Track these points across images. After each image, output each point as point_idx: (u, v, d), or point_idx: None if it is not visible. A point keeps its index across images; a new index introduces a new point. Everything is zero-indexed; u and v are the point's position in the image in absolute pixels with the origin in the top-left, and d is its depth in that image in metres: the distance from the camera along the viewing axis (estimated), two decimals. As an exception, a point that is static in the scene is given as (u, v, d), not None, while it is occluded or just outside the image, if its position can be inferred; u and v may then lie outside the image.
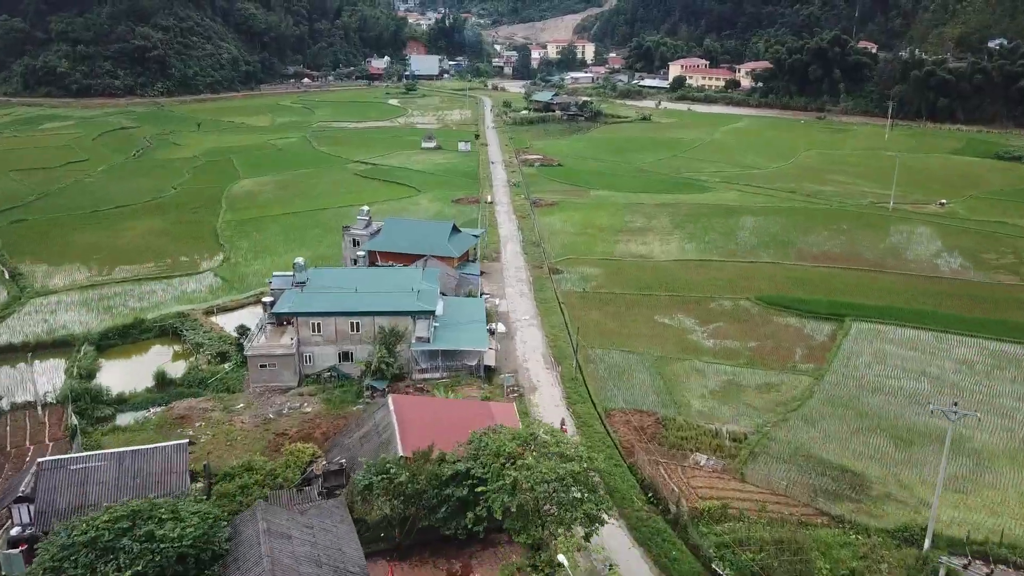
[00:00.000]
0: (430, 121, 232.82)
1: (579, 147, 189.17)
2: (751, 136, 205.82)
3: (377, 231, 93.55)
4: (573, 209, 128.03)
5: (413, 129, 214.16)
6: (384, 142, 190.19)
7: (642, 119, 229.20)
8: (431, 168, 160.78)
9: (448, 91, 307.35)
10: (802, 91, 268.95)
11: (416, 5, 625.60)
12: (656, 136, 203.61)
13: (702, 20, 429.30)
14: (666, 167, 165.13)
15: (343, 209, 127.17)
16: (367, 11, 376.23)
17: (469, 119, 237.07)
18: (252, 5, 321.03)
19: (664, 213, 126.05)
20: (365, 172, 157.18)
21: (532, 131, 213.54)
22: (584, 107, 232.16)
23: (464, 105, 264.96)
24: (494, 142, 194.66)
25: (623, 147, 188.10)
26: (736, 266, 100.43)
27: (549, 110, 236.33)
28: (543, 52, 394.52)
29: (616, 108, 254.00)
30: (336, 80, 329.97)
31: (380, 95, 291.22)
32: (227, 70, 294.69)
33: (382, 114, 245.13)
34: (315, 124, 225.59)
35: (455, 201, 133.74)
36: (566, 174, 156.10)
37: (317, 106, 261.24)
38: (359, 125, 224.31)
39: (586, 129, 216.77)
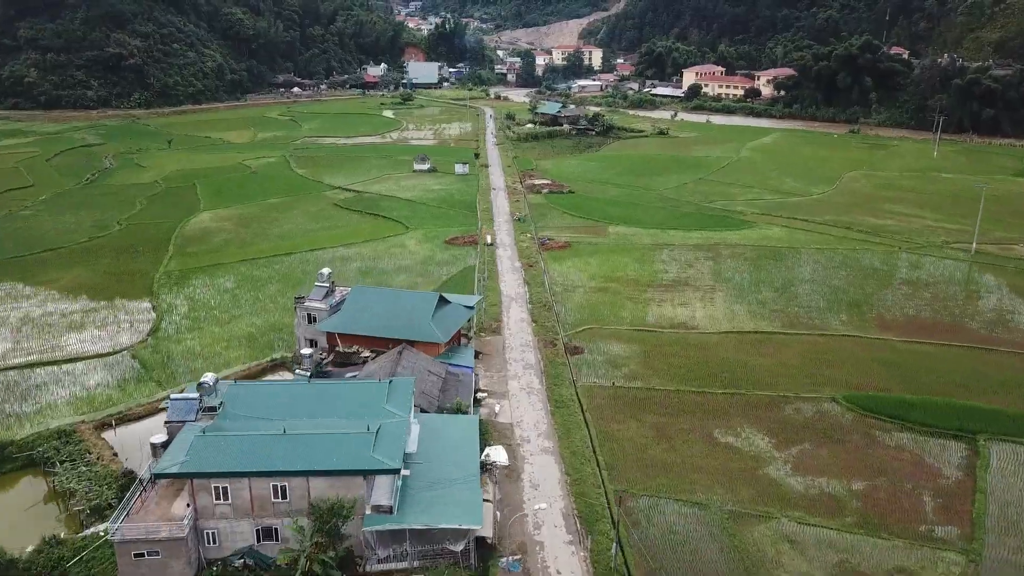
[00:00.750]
0: (426, 136, 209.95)
1: (591, 168, 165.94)
2: (783, 154, 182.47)
3: (340, 302, 70.56)
4: (590, 253, 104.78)
5: (406, 147, 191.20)
6: (372, 163, 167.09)
7: (659, 133, 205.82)
8: (423, 196, 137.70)
9: (447, 101, 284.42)
10: (829, 101, 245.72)
11: (417, 10, 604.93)
12: (677, 154, 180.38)
13: (714, 24, 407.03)
14: (693, 193, 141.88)
15: (313, 254, 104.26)
16: (363, 16, 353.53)
17: (469, 133, 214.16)
18: (239, 10, 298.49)
19: (701, 258, 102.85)
20: (346, 202, 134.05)
21: (538, 148, 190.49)
22: (595, 121, 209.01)
23: (464, 117, 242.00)
24: (496, 162, 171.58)
25: (641, 168, 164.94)
26: (805, 341, 77.11)
27: (556, 123, 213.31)
28: (548, 58, 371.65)
29: (629, 120, 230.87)
30: (329, 89, 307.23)
31: (374, 105, 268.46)
32: (211, 79, 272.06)
33: (374, 128, 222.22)
34: (299, 139, 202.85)
35: (449, 242, 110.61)
36: (579, 204, 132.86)
37: (305, 118, 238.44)
38: (347, 141, 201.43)
39: (598, 146, 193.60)
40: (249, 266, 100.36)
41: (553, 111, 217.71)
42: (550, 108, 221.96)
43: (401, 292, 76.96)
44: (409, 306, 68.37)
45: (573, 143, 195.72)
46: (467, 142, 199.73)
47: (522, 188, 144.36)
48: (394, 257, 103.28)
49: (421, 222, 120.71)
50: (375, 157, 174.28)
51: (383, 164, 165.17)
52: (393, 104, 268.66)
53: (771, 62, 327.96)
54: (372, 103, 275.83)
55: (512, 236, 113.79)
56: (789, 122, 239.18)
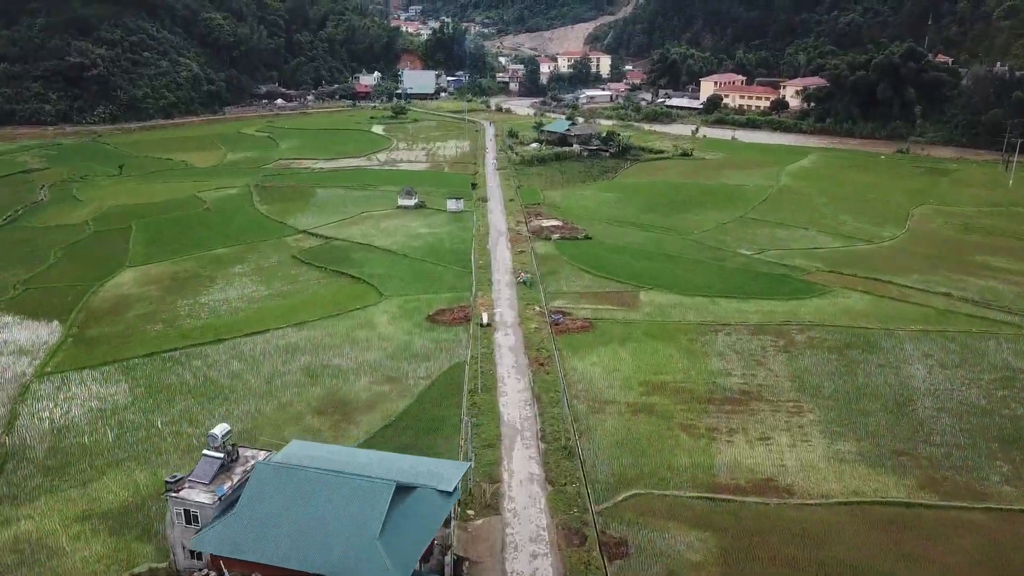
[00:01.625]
0: (417, 157, 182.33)
1: (608, 201, 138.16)
2: (829, 181, 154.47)
3: (239, 486, 42.98)
4: (620, 338, 76.91)
5: (393, 172, 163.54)
6: (350, 196, 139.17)
7: (683, 155, 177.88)
8: (406, 244, 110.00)
9: (444, 114, 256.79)
10: (867, 115, 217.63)
11: (417, 14, 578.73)
12: (708, 182, 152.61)
13: (728, 29, 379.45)
14: (737, 239, 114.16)
15: (249, 341, 76.70)
16: (355, 21, 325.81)
17: (467, 154, 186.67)
18: (219, 15, 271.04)
19: (770, 347, 75.14)
20: (310, 253, 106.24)
21: (545, 173, 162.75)
22: (609, 141, 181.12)
23: (461, 134, 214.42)
24: (496, 194, 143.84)
25: (668, 201, 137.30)
26: (966, 523, 49.37)
27: (565, 143, 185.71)
28: (553, 66, 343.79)
29: (645, 137, 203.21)
30: (316, 100, 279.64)
31: (364, 119, 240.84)
32: (185, 90, 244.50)
33: (360, 147, 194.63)
34: (273, 162, 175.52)
35: (433, 318, 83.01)
36: (598, 256, 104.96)
37: (284, 135, 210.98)
38: (327, 164, 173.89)
39: (613, 171, 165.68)
40: (159, 363, 72.54)
41: (561, 129, 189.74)
42: (558, 126, 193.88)
43: (334, 470, 43.25)
44: (347, 509, 40.24)
45: (585, 167, 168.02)
46: (464, 165, 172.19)
47: (527, 231, 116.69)
48: (357, 345, 75.71)
49: (399, 285, 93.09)
50: (355, 187, 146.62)
51: (363, 198, 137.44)
52: (384, 118, 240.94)
53: (793, 69, 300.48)
54: (362, 116, 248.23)
55: (516, 309, 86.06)
56: (822, 139, 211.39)
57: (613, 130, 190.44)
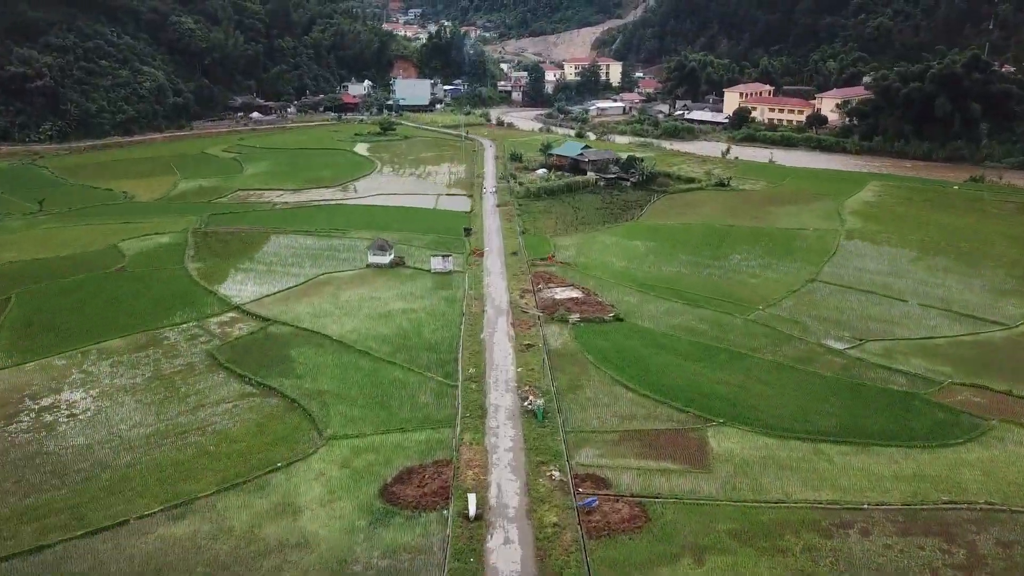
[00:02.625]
0: (404, 186, 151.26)
1: (638, 254, 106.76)
2: (906, 222, 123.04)
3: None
4: (693, 551, 45.30)
5: (371, 208, 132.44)
6: (309, 249, 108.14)
7: (718, 185, 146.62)
8: (369, 331, 78.55)
9: (439, 130, 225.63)
10: (921, 132, 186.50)
11: (416, 17, 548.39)
12: (756, 223, 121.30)
13: (745, 34, 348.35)
14: (819, 317, 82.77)
15: (89, 546, 45.73)
16: (345, 25, 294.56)
17: (462, 181, 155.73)
18: (190, 19, 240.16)
19: (944, 571, 44.18)
20: (234, 348, 74.54)
21: (555, 210, 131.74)
22: (631, 167, 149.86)
23: (457, 154, 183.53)
24: (495, 243, 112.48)
25: (713, 253, 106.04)
26: None
27: (577, 169, 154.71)
28: (559, 74, 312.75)
29: (668, 159, 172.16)
30: (298, 113, 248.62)
31: (348, 136, 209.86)
32: (147, 103, 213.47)
33: (338, 172, 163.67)
34: (230, 193, 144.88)
35: (390, 493, 51.58)
36: (637, 354, 73.30)
37: (253, 157, 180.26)
38: (294, 197, 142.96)
39: (639, 206, 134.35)
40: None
41: (573, 153, 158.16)
42: (568, 149, 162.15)
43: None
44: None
45: (603, 202, 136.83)
46: (457, 198, 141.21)
47: (535, 307, 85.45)
48: (257, 567, 44.83)
49: (350, 413, 61.90)
50: (320, 232, 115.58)
51: (326, 250, 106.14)
52: (370, 135, 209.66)
53: (822, 78, 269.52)
54: (346, 132, 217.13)
55: (522, 475, 54.45)
56: (872, 161, 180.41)
57: (634, 154, 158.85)
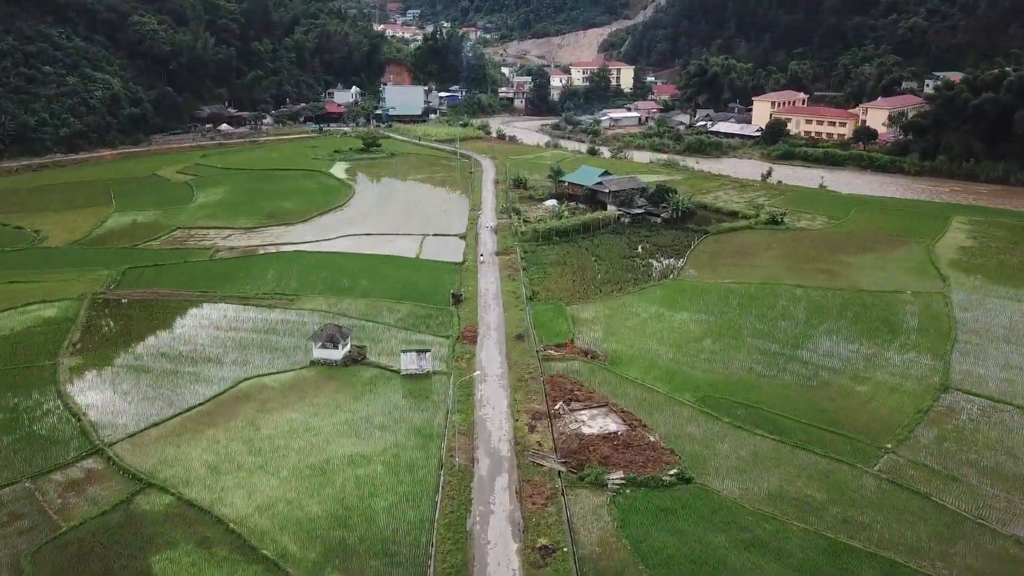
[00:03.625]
0: (382, 222, 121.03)
1: (691, 337, 75.87)
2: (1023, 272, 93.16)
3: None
4: None
5: (334, 257, 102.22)
6: (233, 333, 77.81)
7: (771, 222, 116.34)
8: (290, 504, 48.21)
9: (432, 144, 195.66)
10: (995, 150, 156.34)
11: (415, 18, 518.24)
12: (833, 282, 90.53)
13: (766, 35, 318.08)
14: (978, 462, 52.83)
15: None
16: (331, 26, 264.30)
17: (455, 214, 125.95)
18: (153, 19, 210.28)
19: None
20: (58, 550, 45.23)
21: (571, 261, 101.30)
22: (662, 199, 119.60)
23: (450, 177, 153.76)
24: (494, 318, 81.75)
25: (791, 327, 75.83)
26: None
27: (595, 200, 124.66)
28: (566, 79, 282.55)
29: (699, 183, 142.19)
30: (275, 124, 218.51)
31: (327, 152, 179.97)
32: (99, 115, 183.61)
33: (305, 202, 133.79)
34: (167, 233, 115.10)
35: None
36: (723, 561, 43.82)
37: (212, 179, 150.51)
38: (244, 240, 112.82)
39: (676, 253, 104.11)
40: None
41: (590, 181, 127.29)
42: (584, 176, 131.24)
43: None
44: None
45: (629, 246, 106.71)
46: (447, 240, 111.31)
47: (554, 458, 55.24)
48: None
49: None
50: (258, 300, 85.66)
51: (258, 335, 76.08)
52: (351, 152, 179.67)
53: (857, 84, 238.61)
54: (326, 147, 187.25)
55: None
56: (936, 184, 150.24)
57: (664, 183, 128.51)
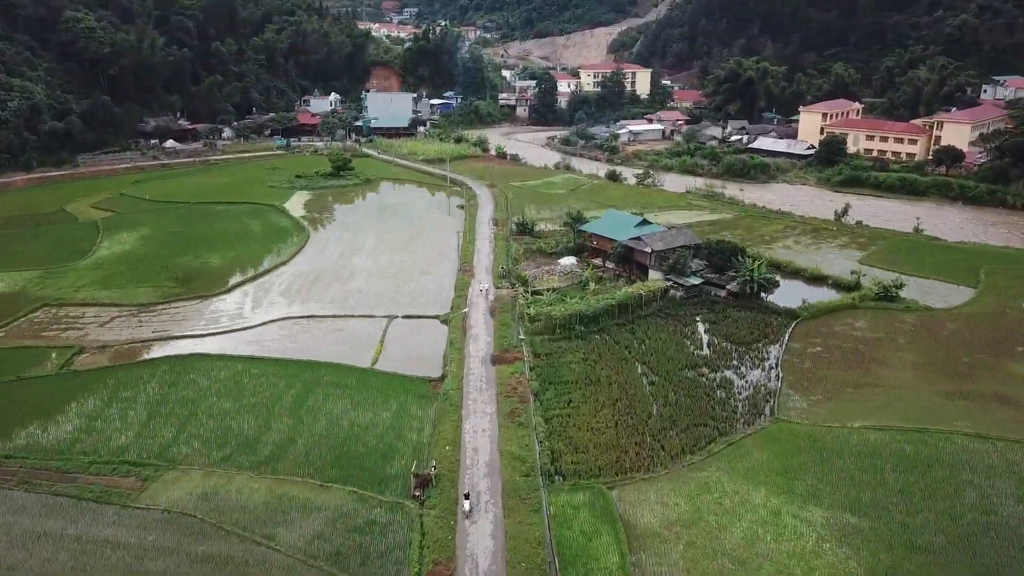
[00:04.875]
0: (336, 290, 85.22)
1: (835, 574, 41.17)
2: None
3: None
4: None
5: (239, 381, 66.03)
6: (32, 536, 42.65)
7: (883, 297, 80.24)
8: None
9: (419, 165, 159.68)
10: None
11: (411, 17, 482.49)
12: (1017, 420, 55.75)
13: (794, 34, 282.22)
14: None
15: None
16: (308, 24, 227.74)
17: (433, 275, 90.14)
18: (90, 15, 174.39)
19: None
20: None
21: (605, 369, 65.33)
22: (728, 262, 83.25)
23: (437, 217, 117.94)
24: (489, 532, 45.01)
25: (993, 544, 40.73)
26: None
27: (629, 260, 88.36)
28: (575, 84, 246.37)
29: (759, 227, 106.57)
30: (234, 140, 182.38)
31: (288, 177, 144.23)
32: (11, 130, 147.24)
33: (240, 256, 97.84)
34: (24, 316, 79.26)
35: None
36: None
37: (131, 218, 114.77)
38: (126, 330, 76.11)
39: (758, 359, 68.41)
40: None
41: (623, 235, 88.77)
42: (614, 227, 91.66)
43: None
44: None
45: (685, 342, 70.71)
46: (421, 326, 75.57)
47: None
48: None
49: None
50: (82, 490, 50.35)
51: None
52: (317, 178, 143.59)
53: (912, 91, 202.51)
54: (290, 169, 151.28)
55: None
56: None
57: (725, 238, 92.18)
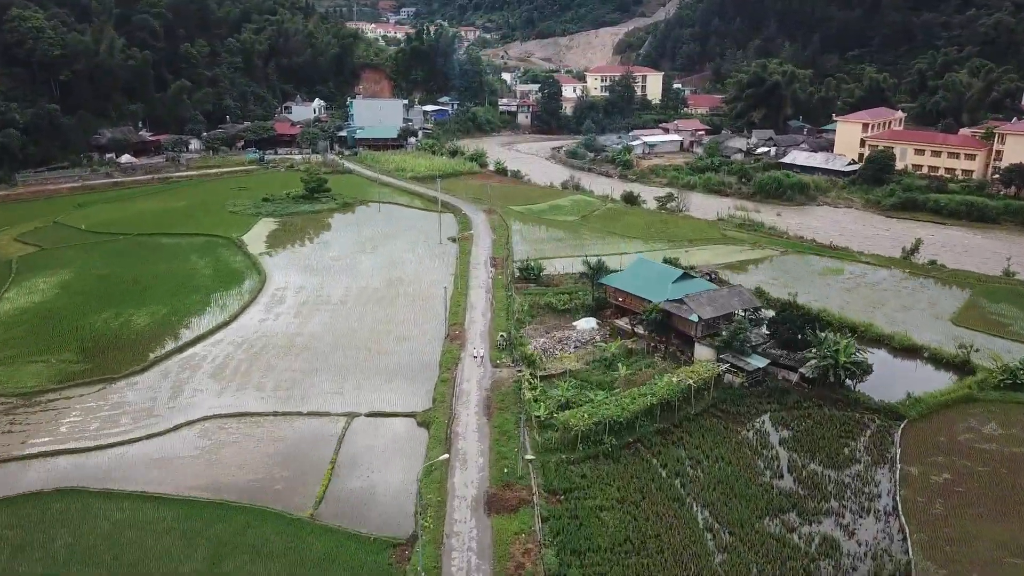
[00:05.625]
0: (291, 370, 64.45)
1: None
2: None
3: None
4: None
5: (130, 516, 44.87)
6: None
7: (1009, 384, 59.30)
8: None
9: (405, 184, 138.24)
10: None
11: (409, 17, 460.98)
12: None
13: (814, 35, 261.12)
14: None
15: None
16: (290, 24, 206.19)
17: (412, 343, 69.18)
18: (42, 13, 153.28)
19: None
20: None
21: (648, 523, 44.45)
22: (799, 333, 62.13)
23: (424, 253, 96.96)
24: None
25: None
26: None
27: (667, 327, 67.25)
28: (580, 88, 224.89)
29: (820, 276, 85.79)
30: (202, 154, 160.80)
31: (256, 200, 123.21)
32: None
33: (176, 312, 76.71)
34: None
35: None
36: None
37: (54, 257, 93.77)
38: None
39: (857, 488, 47.55)
40: None
41: (658, 295, 65.58)
42: (647, 282, 66.87)
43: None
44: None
45: (758, 455, 50.01)
46: (392, 430, 54.63)
47: None
48: None
49: None
50: None
51: None
52: (288, 202, 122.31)
53: (954, 97, 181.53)
54: (260, 188, 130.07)
55: None
56: None
57: (792, 299, 70.93)
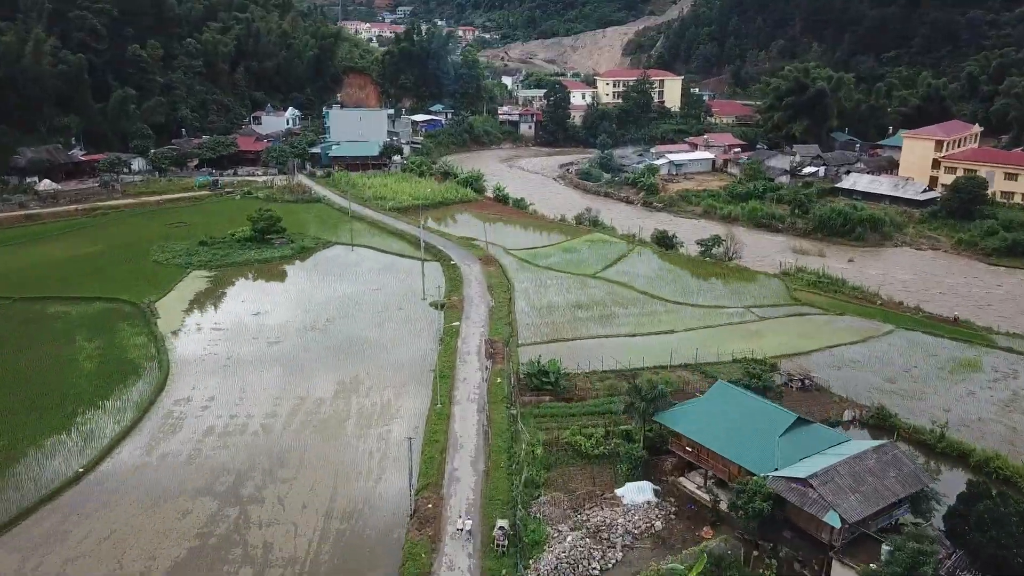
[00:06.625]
0: None
1: None
2: None
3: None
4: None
5: None
6: None
7: None
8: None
9: (383, 217, 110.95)
10: None
11: (406, 16, 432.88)
12: None
13: (844, 34, 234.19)
14: None
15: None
16: (262, 22, 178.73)
17: (359, 509, 42.41)
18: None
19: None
20: None
21: None
22: (996, 539, 35.40)
23: (395, 331, 70.16)
24: None
25: None
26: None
27: (773, 525, 40.52)
28: (590, 94, 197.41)
29: (951, 378, 59.33)
30: (149, 174, 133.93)
31: (194, 240, 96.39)
32: None
33: (13, 449, 50.51)
34: None
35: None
36: None
37: None
38: None
39: None
40: None
41: (757, 461, 35.57)
42: (736, 430, 37.15)
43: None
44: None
45: None
46: None
47: None
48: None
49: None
50: None
51: None
52: (233, 245, 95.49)
53: (1015, 102, 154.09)
54: (202, 224, 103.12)
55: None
56: None
57: (960, 443, 43.96)
